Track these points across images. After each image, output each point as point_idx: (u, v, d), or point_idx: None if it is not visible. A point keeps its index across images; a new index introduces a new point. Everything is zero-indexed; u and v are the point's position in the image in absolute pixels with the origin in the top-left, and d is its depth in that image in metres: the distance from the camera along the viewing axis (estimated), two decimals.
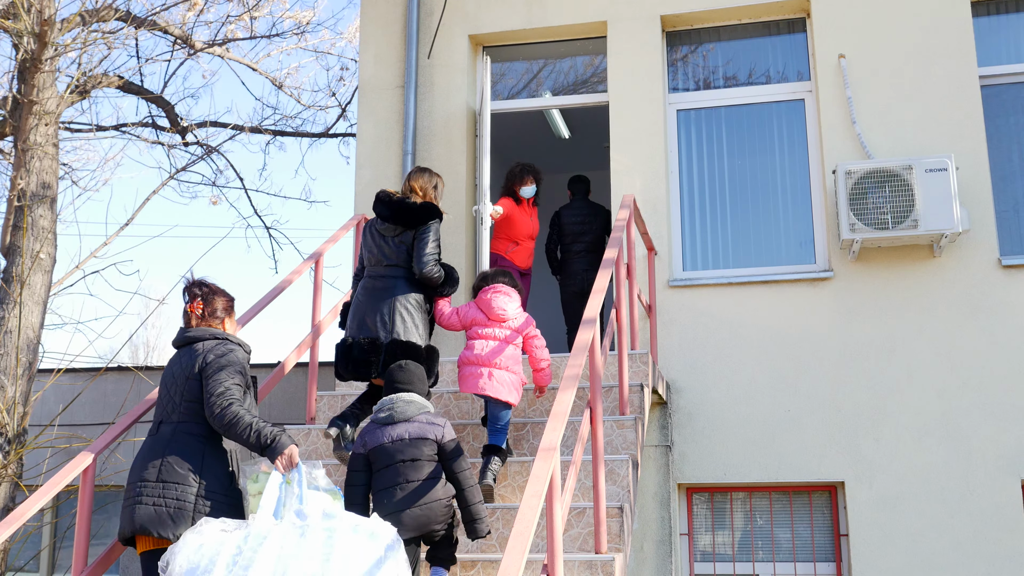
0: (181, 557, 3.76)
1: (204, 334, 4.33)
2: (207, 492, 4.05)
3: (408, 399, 4.51)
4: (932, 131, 7.00)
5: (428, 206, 5.56)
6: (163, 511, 3.99)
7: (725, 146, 7.63)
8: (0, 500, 6.54)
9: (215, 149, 11.06)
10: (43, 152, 7.28)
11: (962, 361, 6.65)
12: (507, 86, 8.26)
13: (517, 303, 5.58)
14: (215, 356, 4.20)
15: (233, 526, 3.91)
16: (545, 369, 5.59)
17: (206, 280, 4.50)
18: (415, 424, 4.41)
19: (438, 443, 4.38)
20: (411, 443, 4.35)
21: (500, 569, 3.19)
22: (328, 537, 3.82)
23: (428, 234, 5.47)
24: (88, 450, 4.64)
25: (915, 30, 7.20)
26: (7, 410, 6.61)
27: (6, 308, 6.90)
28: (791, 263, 7.24)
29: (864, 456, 6.63)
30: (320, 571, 3.68)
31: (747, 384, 6.91)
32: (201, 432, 4.15)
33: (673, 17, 7.75)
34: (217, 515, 3.99)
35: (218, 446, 4.19)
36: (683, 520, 6.94)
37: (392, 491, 4.27)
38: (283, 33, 11.32)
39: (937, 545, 6.39)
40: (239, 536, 3.83)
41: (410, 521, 4.21)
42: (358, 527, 3.89)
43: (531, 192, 7.67)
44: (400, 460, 4.33)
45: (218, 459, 4.15)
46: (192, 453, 4.09)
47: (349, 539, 3.81)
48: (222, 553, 3.75)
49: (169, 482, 4.02)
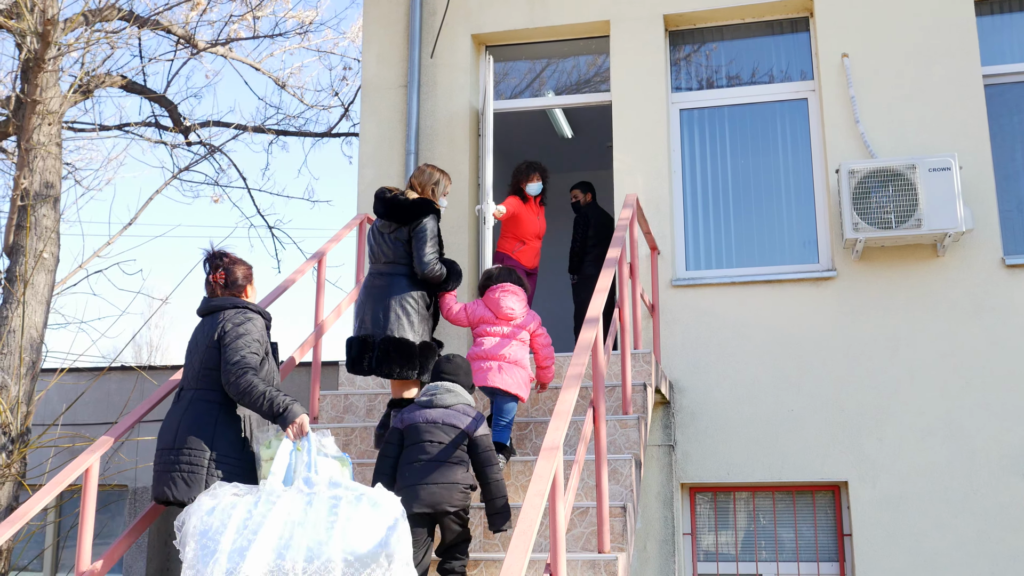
0: (195, 519, 3.91)
1: (226, 303, 4.51)
2: (219, 457, 4.22)
3: (450, 388, 4.73)
4: (935, 130, 6.99)
5: (420, 202, 5.58)
6: (177, 476, 4.19)
7: (728, 145, 7.62)
8: (3, 499, 6.54)
9: (218, 149, 11.07)
10: (46, 152, 7.29)
11: (966, 361, 6.64)
12: (510, 86, 8.26)
13: (524, 302, 5.63)
14: (233, 325, 4.37)
15: (245, 490, 4.03)
16: (550, 367, 5.70)
17: (227, 251, 4.69)
18: (450, 412, 4.61)
19: (469, 436, 4.56)
20: (442, 427, 4.55)
21: (503, 568, 3.19)
22: (333, 506, 3.92)
23: (425, 232, 5.49)
24: (91, 450, 4.65)
25: (918, 29, 7.19)
26: (11, 409, 6.62)
27: (10, 307, 6.90)
28: (794, 263, 7.23)
29: (867, 456, 6.62)
30: (324, 539, 3.79)
31: (750, 384, 6.91)
32: (216, 399, 4.33)
33: (676, 16, 7.75)
34: (230, 479, 4.15)
35: (232, 412, 4.33)
36: (686, 520, 6.94)
37: (414, 465, 4.47)
38: (286, 33, 11.33)
39: (941, 545, 6.38)
40: (250, 501, 3.95)
41: (426, 496, 4.37)
42: (362, 497, 3.97)
43: (537, 189, 7.67)
44: (428, 440, 4.52)
45: (231, 425, 4.30)
46: (206, 419, 4.27)
47: (353, 508, 3.91)
48: (233, 517, 3.88)
49: (183, 447, 4.21)
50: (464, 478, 4.50)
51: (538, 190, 7.69)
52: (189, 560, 3.83)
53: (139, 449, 9.16)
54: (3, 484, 6.52)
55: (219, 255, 4.66)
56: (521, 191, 7.66)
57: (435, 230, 5.56)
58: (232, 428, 4.31)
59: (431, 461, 4.46)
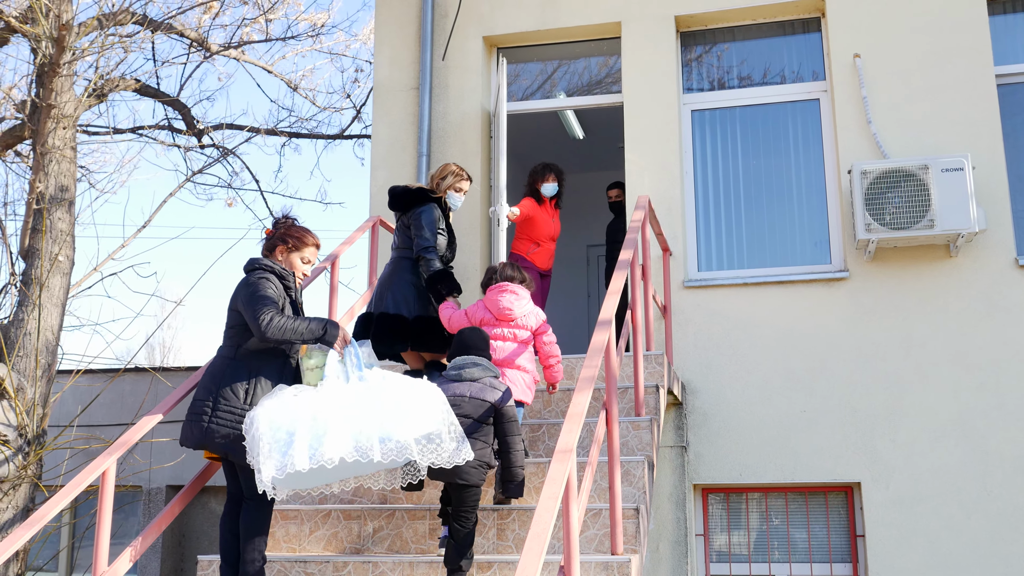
0: (262, 419, 4.25)
1: (252, 264, 4.71)
2: (218, 405, 4.44)
3: (477, 361, 4.80)
4: (948, 130, 6.97)
5: (417, 191, 5.91)
6: (188, 425, 4.49)
7: (740, 146, 7.62)
8: (20, 501, 6.59)
9: (231, 151, 11.11)
10: (61, 155, 7.34)
11: (979, 361, 6.62)
12: (521, 87, 8.27)
13: (526, 299, 5.43)
14: (245, 287, 4.57)
15: (304, 390, 4.41)
16: (554, 365, 5.46)
17: (295, 220, 4.89)
18: (477, 385, 4.68)
19: (496, 407, 4.63)
20: (469, 401, 4.62)
21: (517, 570, 3.21)
22: (391, 396, 4.38)
23: (420, 219, 5.79)
24: (107, 452, 4.69)
25: (931, 29, 7.17)
26: (27, 411, 6.66)
27: (25, 310, 6.95)
28: (806, 263, 7.22)
29: (880, 457, 6.61)
30: (392, 424, 4.27)
31: (763, 385, 6.91)
32: (228, 355, 4.57)
33: (687, 17, 7.75)
34: (224, 428, 4.39)
35: (238, 367, 4.52)
36: (699, 521, 6.94)
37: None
38: (298, 35, 11.38)
39: (954, 546, 6.37)
40: (314, 397, 4.35)
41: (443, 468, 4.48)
42: (413, 385, 4.46)
43: (552, 190, 7.68)
44: (457, 413, 4.56)
45: (236, 379, 4.48)
46: (216, 373, 4.53)
47: (409, 396, 4.39)
48: (301, 410, 4.26)
49: (196, 398, 4.53)
50: (483, 455, 4.55)
51: (553, 191, 7.70)
52: (265, 453, 4.15)
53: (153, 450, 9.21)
54: (20, 486, 6.57)
55: (284, 217, 4.89)
56: (536, 192, 7.67)
57: (431, 218, 5.78)
58: (237, 381, 4.49)
59: None
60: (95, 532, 4.59)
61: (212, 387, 4.49)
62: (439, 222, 5.81)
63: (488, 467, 4.59)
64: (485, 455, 4.58)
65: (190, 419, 4.50)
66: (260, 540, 4.49)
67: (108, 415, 9.31)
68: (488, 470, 4.60)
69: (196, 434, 4.46)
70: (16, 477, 6.52)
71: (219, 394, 4.45)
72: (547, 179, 7.66)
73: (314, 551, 5.22)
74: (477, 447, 4.54)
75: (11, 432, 6.56)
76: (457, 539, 4.46)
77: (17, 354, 6.81)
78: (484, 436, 4.60)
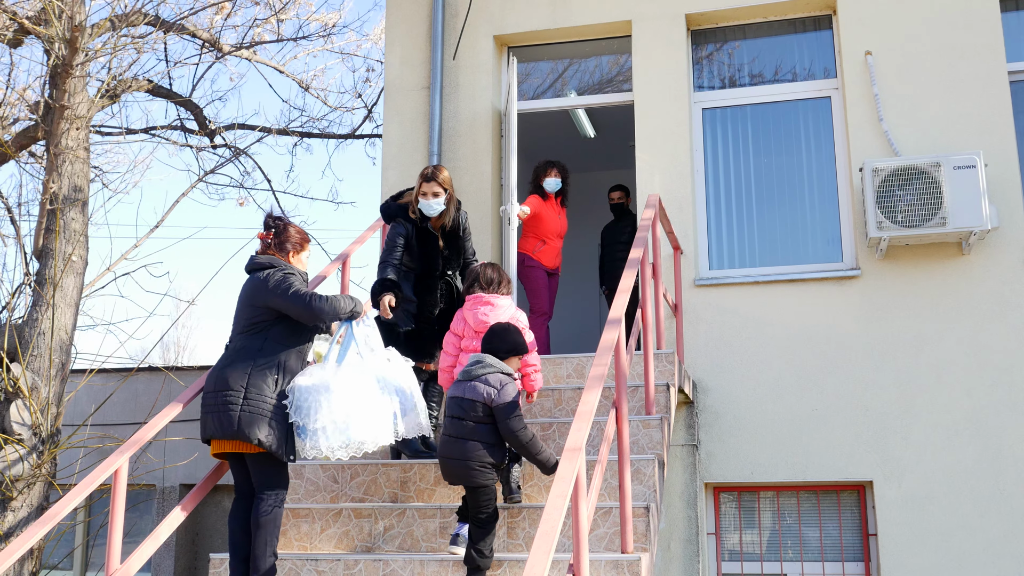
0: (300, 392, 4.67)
1: (266, 263, 4.82)
2: (250, 396, 4.55)
3: (480, 359, 4.71)
4: (960, 128, 6.94)
5: (385, 208, 6.18)
6: (217, 415, 4.55)
7: (751, 144, 7.60)
8: (35, 499, 6.64)
9: (243, 151, 11.15)
10: (75, 156, 7.38)
11: (991, 359, 6.59)
12: (532, 86, 8.28)
13: (503, 306, 5.30)
14: (276, 286, 4.70)
15: (324, 366, 4.84)
16: (531, 374, 5.20)
17: (285, 216, 5.03)
18: (471, 384, 4.60)
19: (488, 405, 4.53)
20: (461, 402, 4.58)
21: (526, 569, 3.21)
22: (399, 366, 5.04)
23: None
24: (120, 451, 4.72)
25: (942, 26, 7.14)
26: (41, 411, 6.71)
27: (39, 310, 7.00)
28: (818, 261, 7.20)
29: (892, 455, 6.59)
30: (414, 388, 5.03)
31: (774, 383, 6.89)
32: (255, 347, 4.68)
33: (698, 15, 7.74)
34: (258, 419, 4.53)
35: (267, 359, 4.66)
36: (710, 519, 6.93)
37: (443, 441, 4.61)
38: (309, 36, 11.40)
39: (967, 545, 6.34)
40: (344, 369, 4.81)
41: (445, 470, 4.57)
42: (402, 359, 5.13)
43: (554, 185, 7.69)
44: (450, 415, 4.61)
45: (266, 371, 4.63)
46: (243, 366, 4.62)
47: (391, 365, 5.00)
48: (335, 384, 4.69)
49: (221, 390, 4.58)
50: (479, 455, 4.46)
51: (556, 186, 7.70)
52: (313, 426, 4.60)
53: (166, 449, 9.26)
54: (34, 484, 6.62)
55: (275, 217, 4.98)
56: (540, 188, 7.69)
57: (390, 235, 6.05)
58: (268, 369, 4.64)
59: (450, 437, 4.55)
60: (108, 530, 4.62)
61: (241, 377, 4.57)
62: (399, 238, 5.98)
63: (494, 467, 4.52)
64: (485, 455, 4.47)
65: (215, 409, 4.56)
66: (273, 535, 4.53)
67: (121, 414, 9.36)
68: (495, 470, 4.54)
69: (224, 423, 4.51)
70: (31, 475, 6.57)
71: (250, 383, 4.56)
72: (549, 174, 7.68)
73: (325, 549, 5.24)
74: (472, 449, 4.46)
75: (26, 431, 6.60)
76: (472, 540, 4.46)
77: (31, 353, 6.86)
78: (482, 436, 4.49)
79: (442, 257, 6.03)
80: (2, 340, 6.86)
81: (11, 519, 6.51)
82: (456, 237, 6.10)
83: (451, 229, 6.06)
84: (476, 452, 4.48)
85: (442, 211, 5.98)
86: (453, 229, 6.07)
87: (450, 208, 6.01)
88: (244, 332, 4.76)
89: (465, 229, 6.18)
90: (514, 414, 4.51)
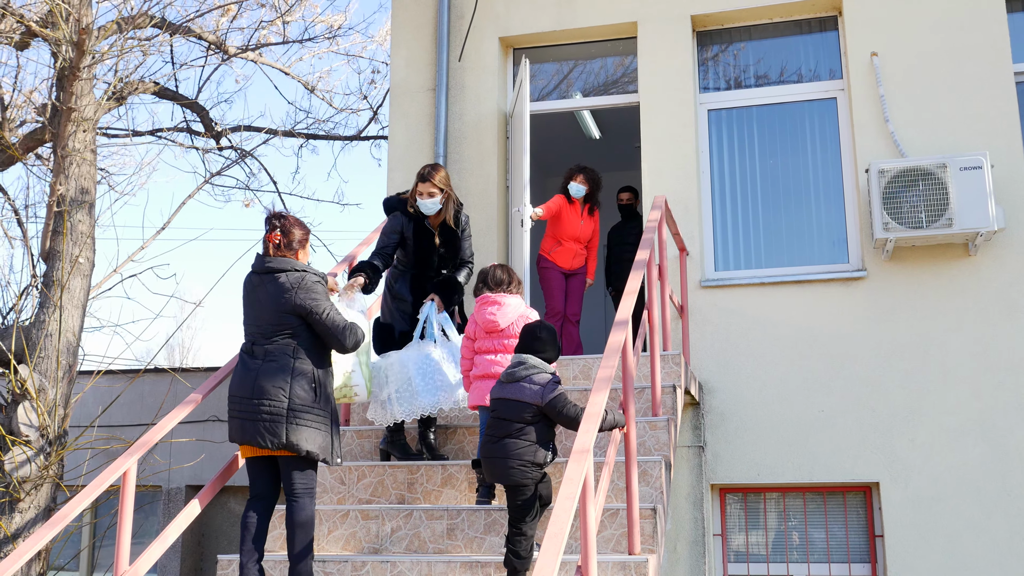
0: (392, 373, 5.72)
1: (284, 265, 4.76)
2: (295, 404, 4.55)
3: (523, 359, 4.68)
4: (966, 129, 6.94)
5: (386, 202, 6.24)
6: (259, 424, 4.52)
7: (757, 145, 7.60)
8: (42, 501, 6.65)
9: (249, 153, 11.17)
10: (82, 158, 7.39)
11: (998, 361, 6.59)
12: (538, 87, 8.28)
13: (512, 305, 5.35)
14: (304, 297, 4.69)
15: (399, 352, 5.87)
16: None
17: (285, 212, 4.95)
18: (517, 387, 4.57)
19: (538, 406, 4.52)
20: (507, 404, 4.56)
21: (535, 570, 3.22)
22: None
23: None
24: (128, 453, 4.73)
25: (948, 27, 7.13)
26: (48, 412, 6.72)
27: (47, 312, 7.01)
28: (824, 263, 7.20)
29: (899, 456, 6.58)
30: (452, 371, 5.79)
31: (780, 384, 6.89)
32: (289, 352, 4.65)
33: (703, 17, 7.74)
34: (305, 422, 4.56)
35: (301, 368, 4.64)
36: (716, 521, 6.93)
37: (485, 441, 4.62)
38: (315, 37, 11.41)
39: (974, 546, 6.34)
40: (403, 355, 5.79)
41: (488, 470, 4.59)
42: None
43: (578, 191, 7.70)
44: (496, 416, 4.58)
45: (304, 375, 4.63)
46: (283, 373, 4.59)
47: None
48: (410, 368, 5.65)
49: (263, 398, 4.54)
50: (521, 453, 4.45)
51: (579, 192, 7.71)
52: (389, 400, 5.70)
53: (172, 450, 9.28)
54: (42, 486, 6.63)
55: (277, 215, 4.91)
56: (566, 190, 7.73)
57: (387, 226, 6.08)
58: (305, 378, 4.62)
59: (496, 438, 4.53)
60: (116, 531, 4.63)
61: (281, 385, 4.55)
62: (394, 233, 6.02)
63: (535, 466, 4.48)
64: (527, 453, 4.46)
65: (254, 416, 4.52)
66: (311, 537, 4.56)
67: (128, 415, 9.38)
68: (536, 469, 4.49)
69: (270, 433, 4.50)
70: (38, 477, 6.58)
71: (292, 393, 4.55)
72: (575, 179, 7.71)
73: (332, 551, 5.25)
74: (514, 448, 4.46)
75: (33, 432, 6.62)
76: (509, 542, 4.46)
77: (39, 355, 6.88)
78: (526, 435, 4.48)
79: (438, 255, 6.05)
80: (9, 342, 6.88)
81: (19, 520, 6.53)
82: (454, 236, 6.10)
83: (449, 228, 6.07)
84: (518, 450, 4.47)
85: (439, 210, 6.00)
86: (451, 228, 6.08)
87: (448, 207, 6.03)
88: (272, 336, 4.68)
89: (464, 229, 6.18)
90: (566, 406, 4.50)
